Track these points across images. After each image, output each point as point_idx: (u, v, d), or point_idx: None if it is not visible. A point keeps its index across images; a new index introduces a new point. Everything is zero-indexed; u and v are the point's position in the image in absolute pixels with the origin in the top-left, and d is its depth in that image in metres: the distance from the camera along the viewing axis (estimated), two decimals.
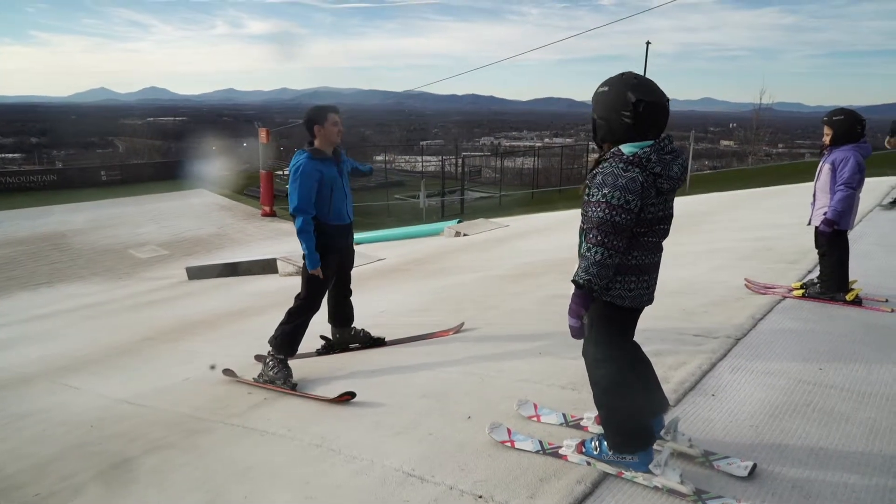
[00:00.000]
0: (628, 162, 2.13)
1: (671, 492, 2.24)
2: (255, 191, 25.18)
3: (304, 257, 3.96)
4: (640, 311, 2.36)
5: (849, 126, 4.18)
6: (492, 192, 28.83)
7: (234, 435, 3.30)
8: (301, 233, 3.89)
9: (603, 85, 2.21)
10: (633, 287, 2.25)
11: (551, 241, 10.08)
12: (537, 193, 27.28)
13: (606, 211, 2.11)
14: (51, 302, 12.38)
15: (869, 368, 3.26)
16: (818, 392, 3.01)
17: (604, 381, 2.32)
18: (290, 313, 4.04)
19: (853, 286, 4.32)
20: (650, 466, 2.27)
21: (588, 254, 2.16)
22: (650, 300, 2.35)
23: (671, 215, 2.28)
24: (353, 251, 4.40)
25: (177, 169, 34.13)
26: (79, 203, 25.00)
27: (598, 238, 2.13)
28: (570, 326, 2.24)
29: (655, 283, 2.35)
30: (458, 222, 14.16)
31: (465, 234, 12.44)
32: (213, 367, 4.44)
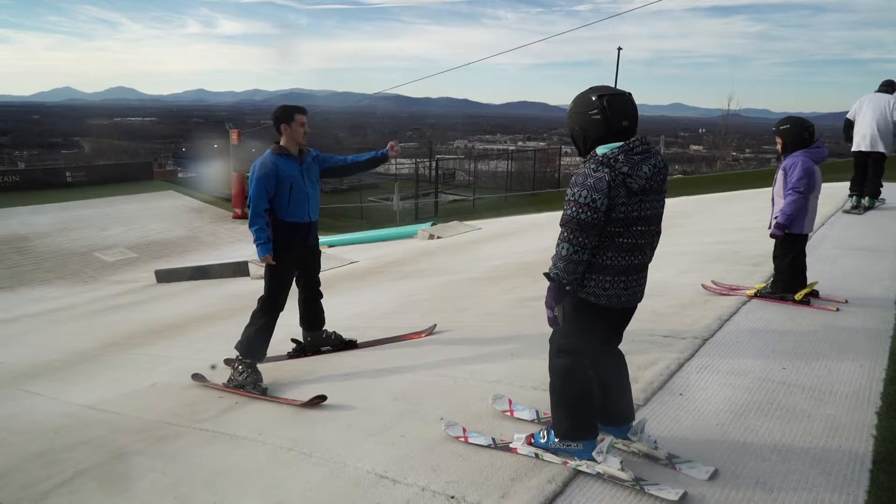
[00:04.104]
0: (599, 162, 2.23)
1: (612, 478, 2.32)
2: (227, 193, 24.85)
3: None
4: (617, 311, 2.40)
5: (796, 133, 4.32)
6: (465, 195, 28.92)
7: (203, 440, 3.25)
8: (251, 226, 3.97)
9: (571, 103, 2.35)
10: (609, 287, 2.32)
11: (524, 244, 10.14)
12: (511, 196, 27.43)
13: (574, 209, 2.22)
14: (12, 307, 12.05)
15: (829, 367, 3.36)
16: (781, 390, 3.10)
17: (561, 369, 2.41)
18: (253, 315, 4.03)
19: (814, 287, 4.44)
20: (593, 454, 2.36)
21: (557, 249, 2.29)
22: (631, 302, 2.40)
23: (650, 217, 2.32)
24: (319, 252, 4.38)
25: (145, 170, 33.49)
26: (42, 205, 24.31)
27: (566, 234, 2.26)
28: (547, 316, 2.41)
29: (639, 286, 2.41)
30: (432, 225, 14.16)
31: (438, 237, 12.44)
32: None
